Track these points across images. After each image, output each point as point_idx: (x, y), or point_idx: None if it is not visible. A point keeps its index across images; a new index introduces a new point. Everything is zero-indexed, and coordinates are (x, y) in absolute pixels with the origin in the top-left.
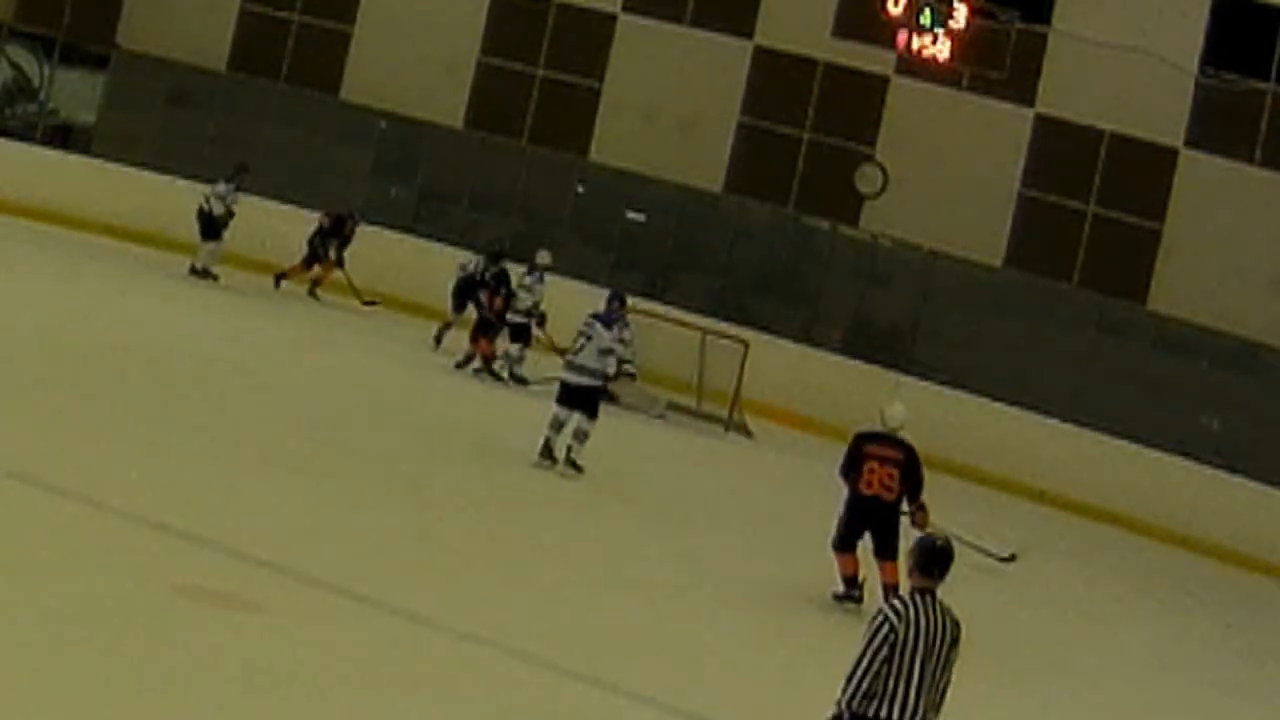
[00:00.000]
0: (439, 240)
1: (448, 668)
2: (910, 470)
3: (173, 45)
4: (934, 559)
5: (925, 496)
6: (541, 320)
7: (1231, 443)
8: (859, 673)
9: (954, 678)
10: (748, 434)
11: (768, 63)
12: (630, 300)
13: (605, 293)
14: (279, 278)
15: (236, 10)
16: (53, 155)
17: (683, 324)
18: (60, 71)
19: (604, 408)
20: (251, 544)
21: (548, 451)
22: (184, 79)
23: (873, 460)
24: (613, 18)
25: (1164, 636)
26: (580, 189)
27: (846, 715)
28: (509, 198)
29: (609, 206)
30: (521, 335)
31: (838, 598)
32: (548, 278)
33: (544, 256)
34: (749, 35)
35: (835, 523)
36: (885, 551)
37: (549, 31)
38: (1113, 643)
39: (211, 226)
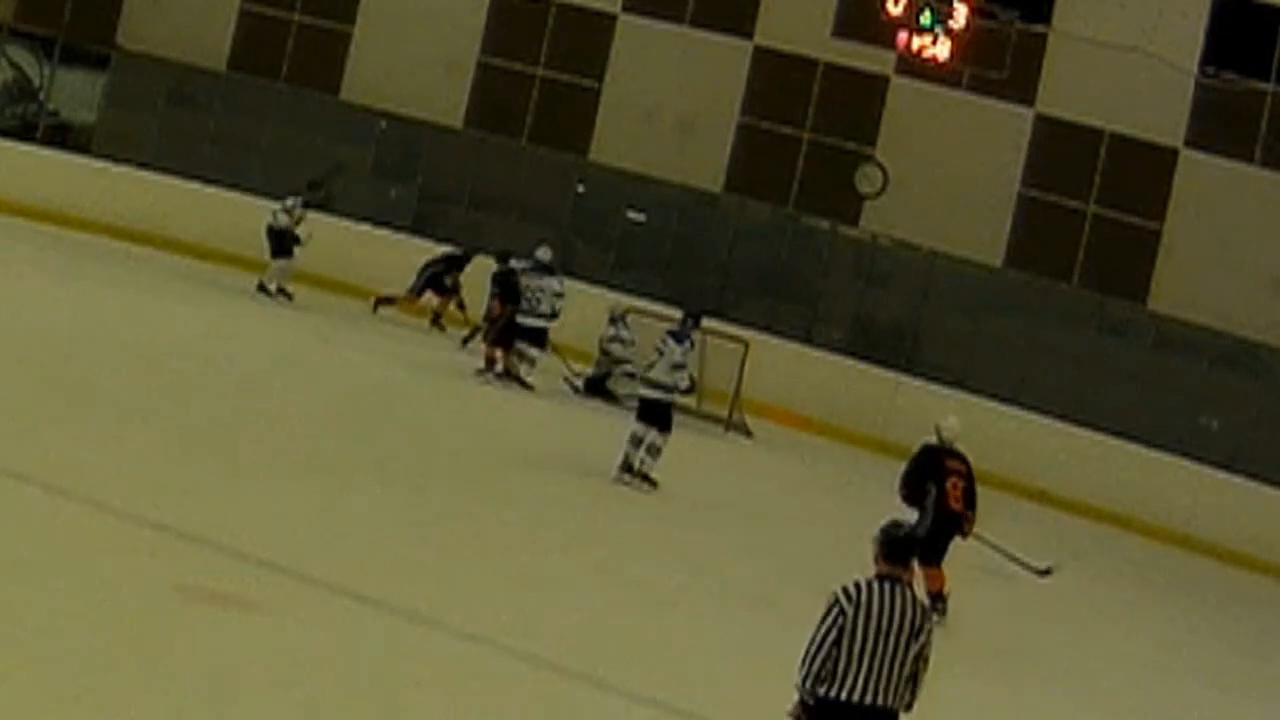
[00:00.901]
0: (440, 241)
1: (448, 667)
2: (971, 481)
3: (173, 45)
4: (899, 547)
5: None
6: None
7: (1231, 443)
8: (809, 654)
9: (925, 670)
10: (748, 434)
11: (768, 63)
12: (630, 301)
13: (606, 293)
14: (379, 301)
15: (236, 10)
16: (53, 155)
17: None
18: (60, 71)
19: (602, 408)
20: (252, 544)
21: (628, 467)
22: (184, 79)
23: (954, 475)
24: (613, 18)
25: (1164, 636)
26: (580, 189)
27: (806, 698)
28: (509, 198)
29: (609, 206)
30: (539, 340)
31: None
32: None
33: (544, 253)
34: (749, 35)
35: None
36: (939, 559)
37: (549, 31)
38: (1113, 642)
39: (281, 243)
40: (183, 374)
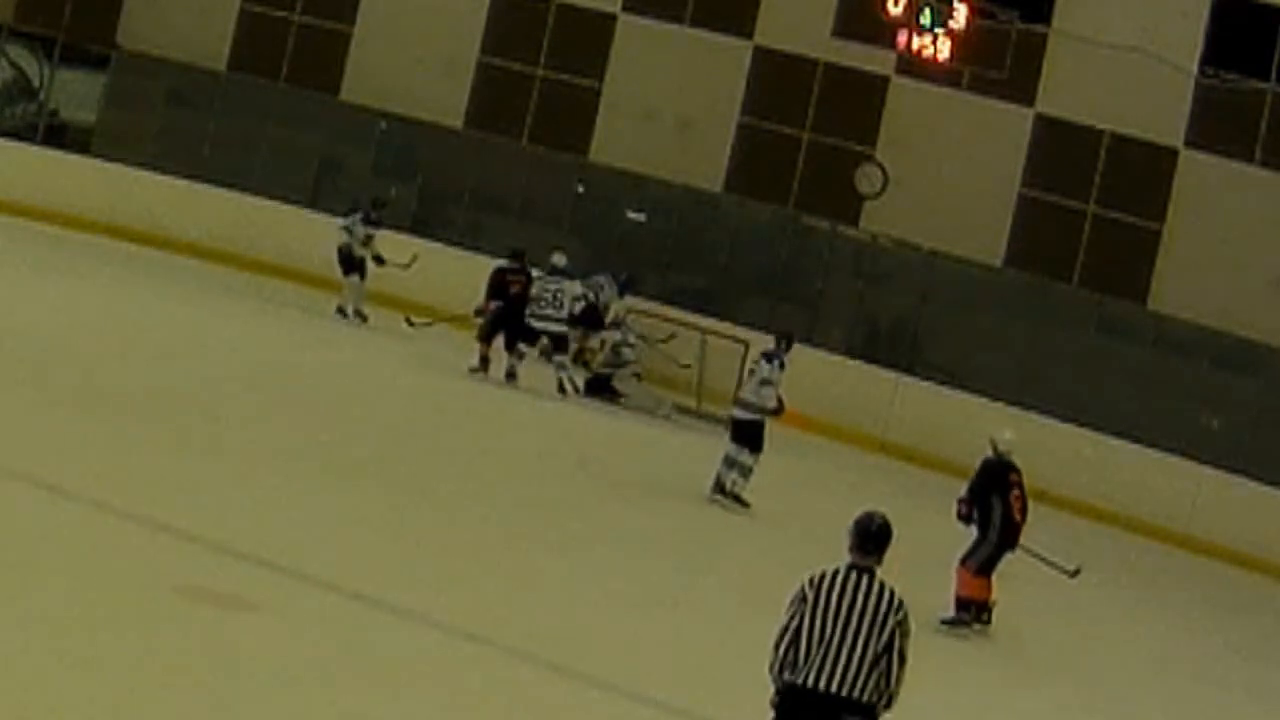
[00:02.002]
0: (440, 241)
1: (449, 667)
2: (1025, 492)
3: (173, 45)
4: (868, 538)
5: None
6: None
7: (1231, 443)
8: (776, 640)
9: (901, 667)
10: None
11: (768, 63)
12: (631, 300)
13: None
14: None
15: (236, 10)
16: (53, 155)
17: (683, 324)
18: (60, 71)
19: (604, 408)
20: (251, 544)
21: (720, 487)
22: (184, 79)
23: (1016, 489)
24: (613, 18)
25: (1163, 636)
26: (580, 189)
27: (774, 684)
28: (509, 198)
29: (609, 206)
30: (560, 344)
31: (963, 622)
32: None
33: (559, 258)
34: (749, 35)
35: (972, 547)
36: (992, 571)
37: (549, 31)
38: (1113, 642)
39: (349, 262)
40: (182, 373)
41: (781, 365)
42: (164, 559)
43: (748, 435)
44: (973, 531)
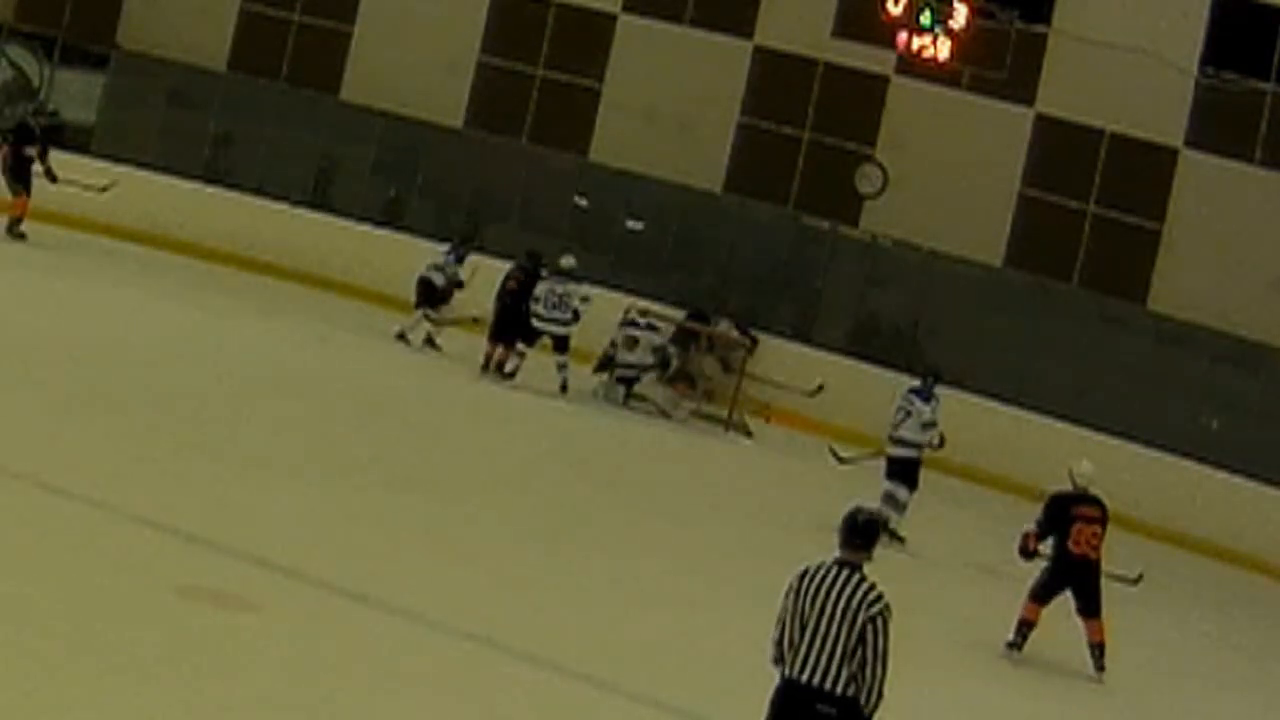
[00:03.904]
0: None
1: (449, 667)
2: (1106, 525)
3: (173, 45)
4: (854, 532)
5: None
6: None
7: (1231, 443)
8: (773, 633)
9: (878, 665)
10: (748, 434)
11: (768, 63)
12: (633, 300)
13: (605, 293)
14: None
15: (236, 10)
16: (52, 155)
17: (682, 325)
18: (60, 71)
19: (608, 410)
20: (252, 544)
21: (884, 525)
22: (184, 79)
23: (1080, 521)
24: (613, 18)
25: (1162, 636)
26: (584, 203)
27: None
28: (509, 198)
29: (609, 207)
30: (561, 345)
31: (1017, 646)
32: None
33: (567, 260)
34: (749, 35)
35: (1037, 576)
36: (1090, 609)
37: (549, 31)
38: (1112, 643)
39: (432, 295)
40: (182, 374)
41: (938, 402)
42: (164, 559)
43: (906, 472)
44: (1034, 564)
